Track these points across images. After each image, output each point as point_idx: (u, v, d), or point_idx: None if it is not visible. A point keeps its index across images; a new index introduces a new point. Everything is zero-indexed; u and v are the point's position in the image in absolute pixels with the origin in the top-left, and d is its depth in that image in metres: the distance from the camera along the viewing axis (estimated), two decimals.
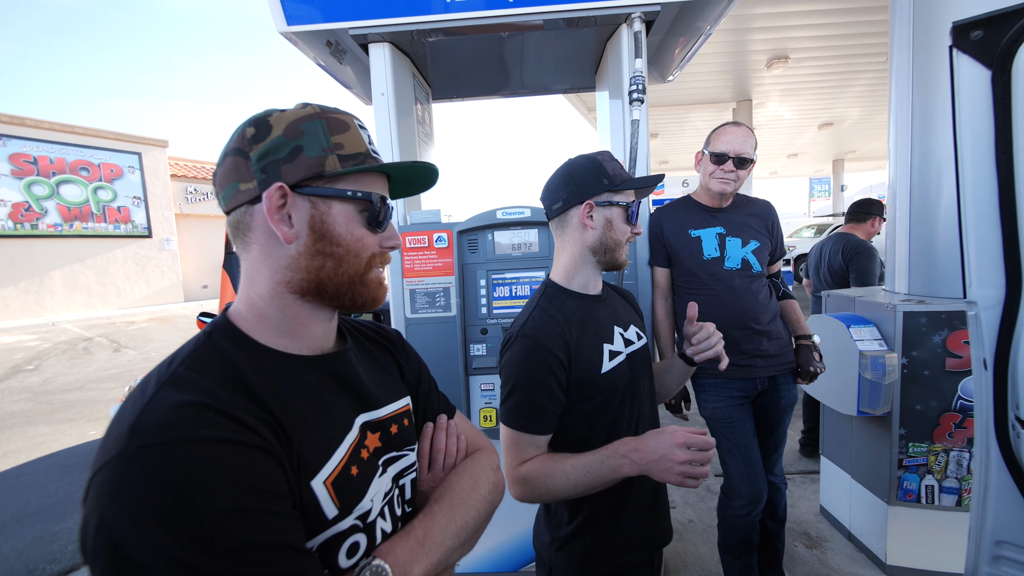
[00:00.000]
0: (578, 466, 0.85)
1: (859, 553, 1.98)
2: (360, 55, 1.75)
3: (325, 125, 0.53)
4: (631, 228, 0.96)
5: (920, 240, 1.89)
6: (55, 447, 3.62)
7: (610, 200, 0.94)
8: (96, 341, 7.90)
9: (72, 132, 10.62)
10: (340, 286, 0.55)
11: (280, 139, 0.52)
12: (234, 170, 0.52)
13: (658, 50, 2.00)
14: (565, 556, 0.97)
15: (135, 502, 0.37)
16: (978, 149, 0.84)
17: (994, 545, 0.90)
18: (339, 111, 0.56)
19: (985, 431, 0.90)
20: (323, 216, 0.53)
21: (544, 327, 0.90)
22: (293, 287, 0.54)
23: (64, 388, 5.25)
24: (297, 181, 0.52)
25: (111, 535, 0.37)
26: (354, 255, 0.56)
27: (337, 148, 0.53)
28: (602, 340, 0.96)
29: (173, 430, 0.41)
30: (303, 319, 0.56)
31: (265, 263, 0.54)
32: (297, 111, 0.54)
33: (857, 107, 8.23)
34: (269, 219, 0.51)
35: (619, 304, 1.08)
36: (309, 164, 0.52)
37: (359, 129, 0.57)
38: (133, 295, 11.74)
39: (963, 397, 1.72)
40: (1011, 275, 0.82)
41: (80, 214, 10.77)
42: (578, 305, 0.97)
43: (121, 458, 0.39)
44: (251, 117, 0.54)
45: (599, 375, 0.93)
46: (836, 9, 4.55)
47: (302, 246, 0.53)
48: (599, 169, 0.94)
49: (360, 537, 0.53)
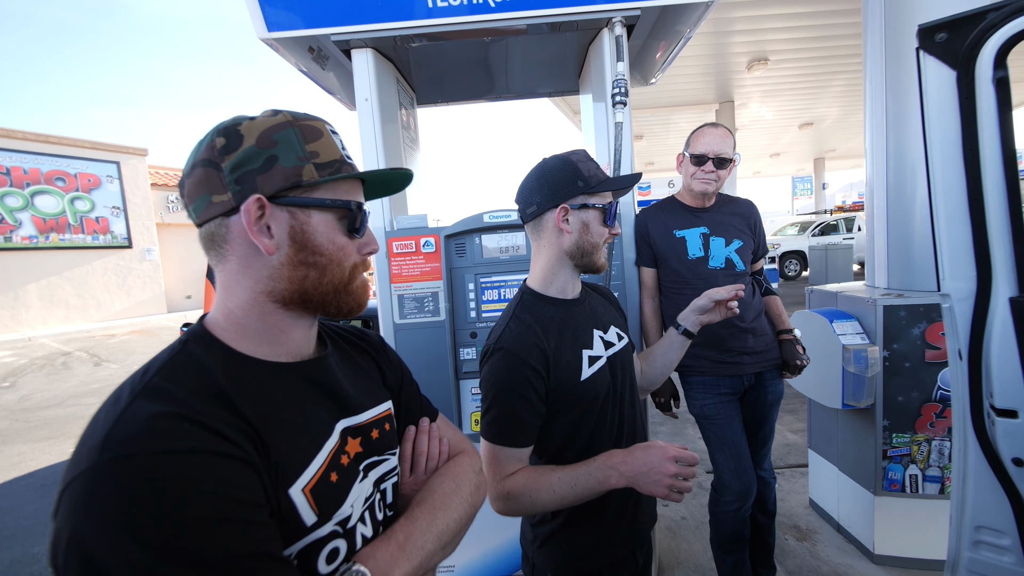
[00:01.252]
0: (564, 479, 0.84)
1: (848, 544, 2.02)
2: (343, 61, 1.74)
3: (299, 133, 0.53)
4: (609, 230, 0.95)
5: (898, 236, 1.94)
6: (33, 466, 3.50)
7: (586, 203, 0.91)
8: (75, 355, 7.68)
9: (47, 142, 10.36)
10: (325, 295, 0.55)
11: (253, 149, 0.51)
12: (205, 182, 0.51)
13: (640, 53, 2.03)
14: (546, 553, 0.97)
15: (108, 516, 0.37)
16: (946, 147, 0.87)
17: (974, 530, 0.93)
18: (311, 117, 0.55)
19: (962, 420, 0.93)
20: (303, 226, 0.53)
21: (520, 338, 0.88)
22: (275, 297, 0.53)
23: (42, 405, 5.09)
24: (274, 192, 0.51)
25: (83, 550, 0.36)
26: (337, 264, 0.55)
27: (313, 156, 0.53)
28: (581, 346, 0.94)
29: (147, 442, 0.40)
30: (283, 327, 0.55)
31: (244, 274, 0.53)
32: (268, 119, 0.53)
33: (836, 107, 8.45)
34: (249, 231, 0.50)
35: (598, 304, 1.06)
36: (286, 174, 0.51)
37: (332, 135, 0.56)
38: (113, 307, 11.45)
39: (942, 387, 1.77)
40: (981, 268, 0.85)
41: (56, 225, 10.49)
42: (555, 311, 0.95)
43: (94, 471, 0.39)
44: (218, 126, 0.52)
45: (579, 383, 0.91)
46: (813, 12, 4.68)
47: (284, 256, 0.53)
48: (573, 170, 0.91)
49: (340, 543, 0.53)
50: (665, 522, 2.23)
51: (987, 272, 0.85)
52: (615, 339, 1.01)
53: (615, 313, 1.10)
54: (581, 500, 0.85)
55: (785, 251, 12.04)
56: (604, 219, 0.94)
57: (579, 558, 0.95)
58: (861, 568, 1.87)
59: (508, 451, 0.88)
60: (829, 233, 11.85)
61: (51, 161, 10.42)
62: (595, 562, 0.96)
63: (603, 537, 0.96)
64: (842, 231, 11.74)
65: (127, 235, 11.69)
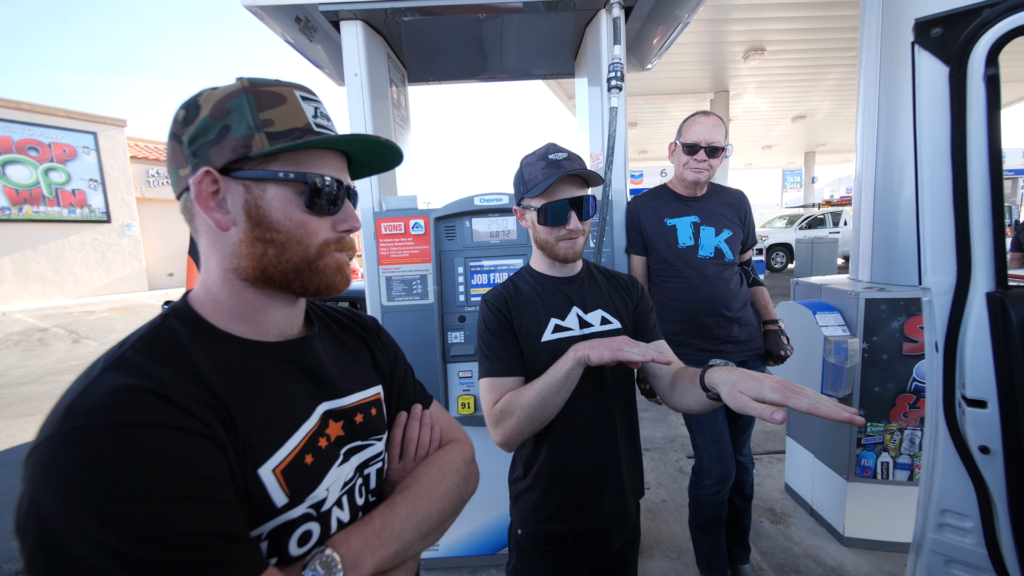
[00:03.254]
0: (540, 379, 0.92)
1: (819, 527, 2.10)
2: (332, 33, 1.68)
3: (252, 100, 0.49)
4: (555, 229, 0.97)
5: (883, 231, 1.97)
6: (9, 443, 3.44)
7: (528, 205, 1.00)
8: (53, 332, 7.49)
9: (18, 108, 9.87)
10: (286, 273, 0.52)
11: (208, 120, 0.49)
12: (172, 156, 0.51)
13: (637, 38, 1.99)
14: (518, 510, 1.06)
15: (64, 485, 0.37)
16: (936, 142, 0.88)
17: (939, 514, 0.97)
18: (276, 82, 0.52)
19: (935, 409, 0.96)
20: (257, 200, 0.50)
21: (495, 293, 1.04)
22: (240, 275, 0.52)
23: (18, 381, 4.97)
24: (224, 164, 0.49)
25: (40, 517, 0.36)
26: (296, 241, 0.52)
27: (266, 125, 0.49)
28: (551, 314, 1.01)
29: (107, 412, 0.39)
30: (258, 305, 0.54)
31: (212, 249, 0.52)
32: (227, 88, 0.50)
33: (829, 101, 8.49)
34: (198, 205, 0.49)
35: (597, 289, 1.08)
36: (234, 145, 0.49)
37: (300, 101, 0.52)
38: (92, 283, 11.15)
39: (917, 379, 1.83)
40: (961, 263, 0.87)
41: (30, 197, 10.09)
42: (538, 283, 1.05)
43: (54, 439, 0.39)
44: (186, 98, 0.51)
45: (539, 342, 0.99)
46: (812, 2, 4.65)
47: (241, 232, 0.51)
48: (520, 175, 1.02)
49: (313, 526, 0.52)
50: (646, 504, 2.29)
51: (967, 268, 0.87)
52: (596, 322, 1.04)
53: (615, 299, 1.09)
54: (558, 391, 0.90)
55: (772, 243, 12.21)
56: (541, 220, 0.98)
57: (544, 521, 1.01)
58: (831, 550, 1.95)
59: (495, 381, 0.97)
60: (816, 227, 12.03)
61: (23, 129, 9.95)
62: (560, 527, 1.00)
63: (568, 503, 1.00)
64: (829, 225, 11.93)
65: (105, 209, 11.30)
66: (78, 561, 0.36)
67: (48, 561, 0.36)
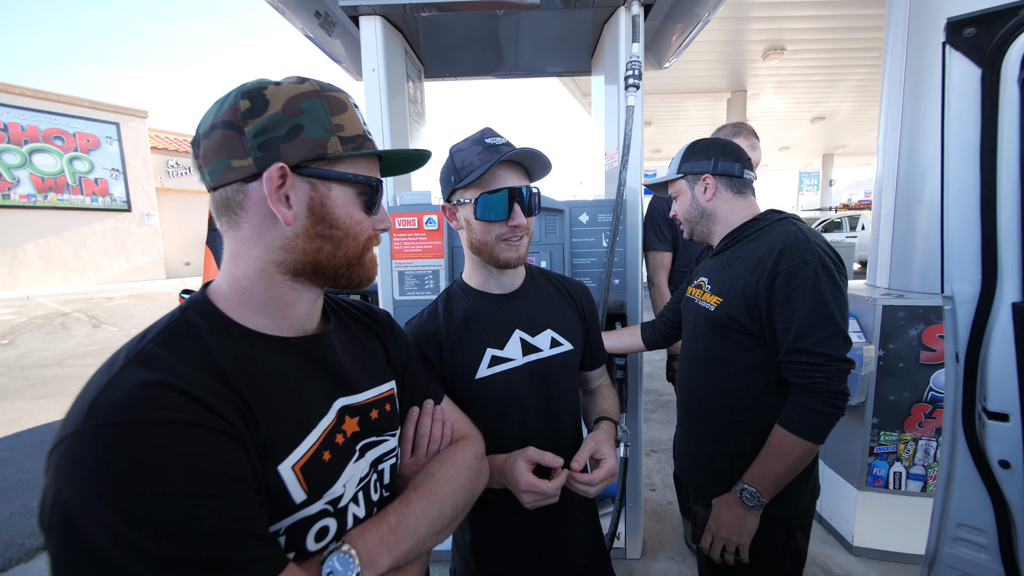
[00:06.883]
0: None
1: (828, 535, 2.07)
2: (350, 28, 1.69)
3: (326, 104, 0.52)
4: (494, 225, 0.81)
5: (903, 236, 1.93)
6: (32, 423, 3.55)
7: (461, 199, 0.83)
8: (74, 316, 7.71)
9: (45, 99, 10.15)
10: (338, 268, 0.55)
11: (279, 116, 0.49)
12: (225, 144, 0.49)
13: (655, 35, 1.97)
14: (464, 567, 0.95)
15: (89, 483, 0.37)
16: (964, 146, 0.85)
17: (955, 527, 0.95)
18: (336, 89, 0.55)
19: (953, 421, 0.94)
20: (323, 199, 0.52)
21: (420, 328, 0.88)
22: (286, 268, 0.53)
23: (41, 363, 5.13)
24: (298, 162, 0.50)
25: (65, 513, 0.37)
26: (352, 238, 0.55)
27: (338, 130, 0.52)
28: (487, 344, 0.86)
29: (132, 410, 0.39)
30: (289, 299, 0.55)
31: (256, 243, 0.52)
32: (295, 86, 0.51)
33: (849, 102, 8.29)
34: (269, 199, 0.49)
35: (545, 303, 0.94)
36: (311, 145, 0.50)
37: (354, 109, 0.56)
38: (112, 270, 11.43)
39: (934, 389, 1.79)
40: (987, 271, 0.84)
41: (55, 185, 10.37)
42: (472, 304, 0.89)
43: (78, 435, 0.39)
44: (242, 87, 0.51)
45: (472, 380, 0.85)
46: (834, 1, 4.54)
47: (300, 228, 0.52)
48: (449, 164, 0.83)
49: (330, 522, 0.53)
50: (652, 506, 2.28)
51: (992, 276, 0.84)
52: (545, 345, 0.90)
53: (566, 316, 0.95)
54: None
55: None
56: (475, 213, 0.81)
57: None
58: (839, 559, 1.92)
59: None
60: (832, 231, 11.79)
61: (49, 119, 10.22)
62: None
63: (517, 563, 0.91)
64: (845, 229, 11.68)
65: (126, 198, 11.57)
66: (104, 558, 0.36)
67: (74, 557, 0.37)
